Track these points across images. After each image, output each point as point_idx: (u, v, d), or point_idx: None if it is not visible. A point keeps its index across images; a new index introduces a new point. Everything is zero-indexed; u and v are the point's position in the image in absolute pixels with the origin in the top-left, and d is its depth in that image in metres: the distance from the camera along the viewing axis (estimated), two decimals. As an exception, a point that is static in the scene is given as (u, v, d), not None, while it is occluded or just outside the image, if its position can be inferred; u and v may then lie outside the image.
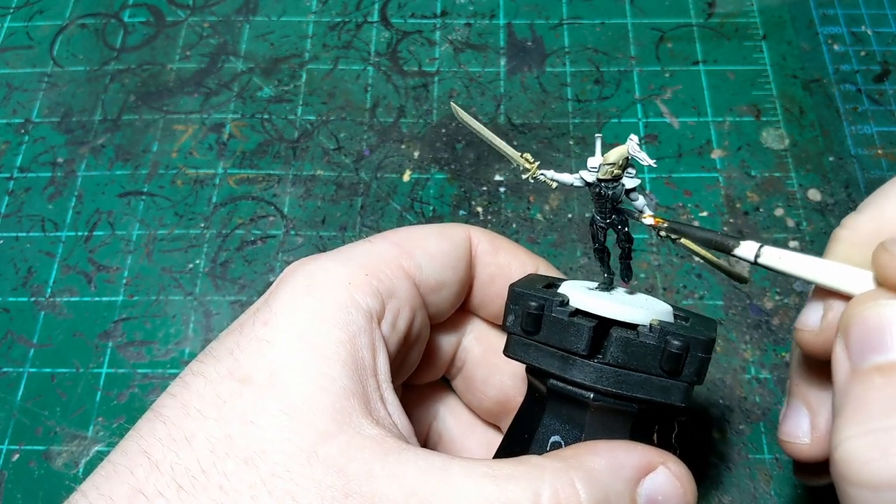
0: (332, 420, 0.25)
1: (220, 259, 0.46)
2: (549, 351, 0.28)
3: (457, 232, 0.33)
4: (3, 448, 0.40)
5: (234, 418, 0.25)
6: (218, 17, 0.55)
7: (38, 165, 0.49)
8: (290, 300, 0.28)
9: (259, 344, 0.27)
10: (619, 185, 0.29)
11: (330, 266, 0.29)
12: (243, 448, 0.24)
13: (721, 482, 0.38)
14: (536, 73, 0.52)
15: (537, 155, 0.48)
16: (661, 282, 0.44)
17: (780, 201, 0.46)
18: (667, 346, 0.27)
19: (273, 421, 0.25)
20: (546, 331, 0.28)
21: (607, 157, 0.28)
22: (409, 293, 0.30)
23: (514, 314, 0.29)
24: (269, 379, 0.26)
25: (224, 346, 0.27)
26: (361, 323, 0.28)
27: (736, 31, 0.53)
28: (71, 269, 0.46)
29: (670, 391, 0.27)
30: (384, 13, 0.55)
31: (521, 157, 0.32)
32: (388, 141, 0.49)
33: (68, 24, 0.56)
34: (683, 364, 0.27)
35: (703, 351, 0.27)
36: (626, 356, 0.27)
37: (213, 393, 0.26)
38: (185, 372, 0.28)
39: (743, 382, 0.41)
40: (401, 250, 0.31)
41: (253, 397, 0.25)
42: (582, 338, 0.27)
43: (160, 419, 0.26)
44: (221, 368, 0.26)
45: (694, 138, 0.49)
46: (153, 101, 0.52)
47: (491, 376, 0.34)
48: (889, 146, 0.48)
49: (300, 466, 0.24)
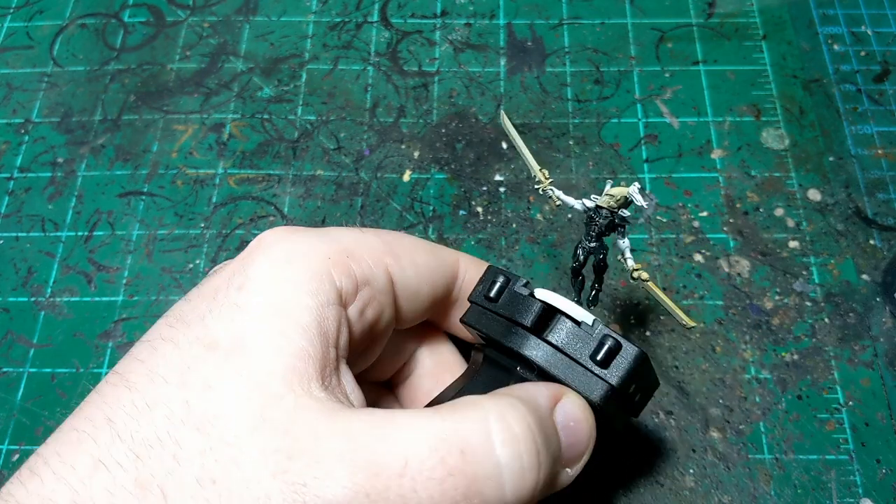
0: (284, 381, 0.25)
1: (220, 259, 0.46)
2: (499, 321, 0.30)
3: (448, 255, 0.34)
4: (3, 448, 0.40)
5: (195, 384, 0.25)
6: (218, 17, 0.55)
7: (38, 165, 0.49)
8: (268, 268, 0.28)
9: (230, 310, 0.27)
10: (611, 218, 0.32)
11: (314, 241, 0.29)
12: (199, 415, 0.24)
13: (721, 482, 0.38)
14: (536, 73, 0.52)
15: (537, 155, 0.48)
16: (661, 282, 0.44)
17: (780, 201, 0.46)
18: (603, 341, 0.29)
19: (229, 386, 0.25)
20: (503, 301, 0.30)
21: (611, 190, 0.32)
22: (385, 287, 0.31)
23: (482, 285, 0.32)
24: (234, 343, 0.26)
25: (196, 311, 0.27)
26: (332, 296, 0.28)
27: (736, 31, 0.53)
28: (71, 269, 0.46)
29: (592, 386, 0.29)
30: (384, 13, 0.55)
31: (539, 170, 0.35)
32: (388, 141, 0.49)
33: (68, 24, 0.56)
34: (611, 361, 0.29)
35: (632, 358, 0.29)
36: (564, 341, 0.29)
37: (178, 359, 0.26)
38: (152, 334, 0.27)
39: (743, 382, 0.41)
40: (388, 248, 0.31)
41: (215, 362, 0.25)
42: (531, 312, 0.29)
43: (125, 384, 0.26)
44: (190, 334, 0.26)
45: (694, 138, 0.49)
46: (153, 101, 0.52)
47: (434, 390, 0.35)
48: (889, 146, 0.48)
49: (247, 432, 0.24)
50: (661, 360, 0.42)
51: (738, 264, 0.44)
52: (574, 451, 0.28)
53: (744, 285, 0.44)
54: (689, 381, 0.41)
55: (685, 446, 0.39)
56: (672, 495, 0.38)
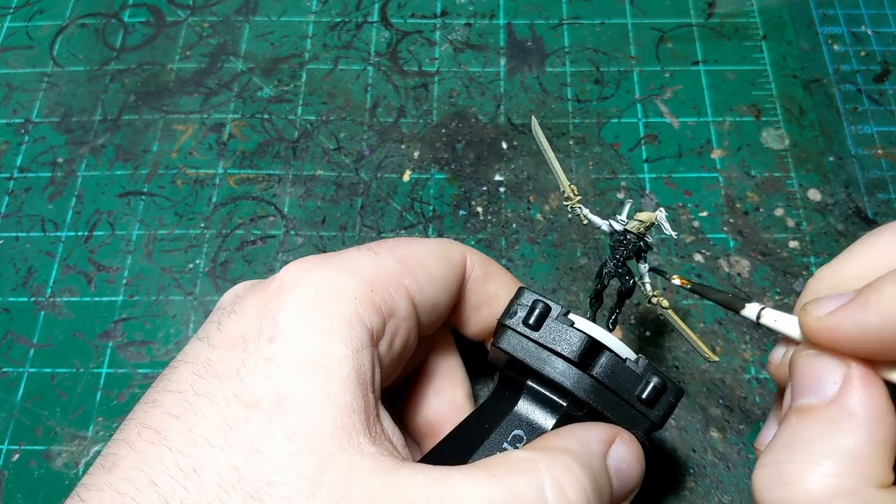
0: (334, 441, 0.25)
1: (220, 259, 0.46)
2: (540, 351, 0.30)
3: (456, 254, 0.34)
4: (3, 448, 0.40)
5: (240, 447, 0.24)
6: (218, 17, 0.55)
7: (38, 165, 0.49)
8: (297, 314, 0.27)
9: (266, 364, 0.26)
10: (639, 243, 0.33)
11: (337, 277, 0.28)
12: (250, 481, 0.24)
13: (721, 482, 0.38)
14: (536, 73, 0.52)
15: (537, 155, 0.48)
16: (661, 282, 0.44)
17: (780, 201, 0.46)
18: (649, 379, 0.30)
19: (278, 448, 0.24)
20: (546, 331, 0.30)
21: (639, 215, 0.33)
22: (408, 312, 0.30)
23: (518, 310, 0.31)
24: (276, 402, 0.25)
25: (228, 363, 0.26)
26: (365, 339, 0.27)
27: (736, 31, 0.53)
28: (71, 269, 0.46)
29: (636, 422, 0.30)
30: (384, 13, 0.55)
31: (569, 186, 0.34)
32: (388, 141, 0.49)
33: (68, 24, 0.56)
34: (657, 401, 0.30)
35: (674, 396, 0.30)
36: (610, 377, 0.30)
37: (219, 418, 0.25)
38: (180, 384, 0.26)
39: (743, 382, 0.41)
40: (404, 268, 0.31)
41: (259, 423, 0.25)
42: (576, 345, 0.30)
43: (164, 444, 0.25)
44: (227, 391, 0.26)
45: (694, 138, 0.49)
46: (153, 101, 0.52)
47: (437, 394, 0.35)
48: (889, 146, 0.48)
49: (305, 499, 0.23)
50: (662, 360, 0.42)
51: (738, 264, 0.44)
52: (624, 490, 0.29)
53: (744, 285, 0.44)
54: (689, 381, 0.41)
55: (685, 446, 0.39)
56: (672, 495, 0.38)
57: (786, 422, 0.24)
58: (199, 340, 0.28)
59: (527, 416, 0.30)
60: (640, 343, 0.42)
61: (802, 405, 0.24)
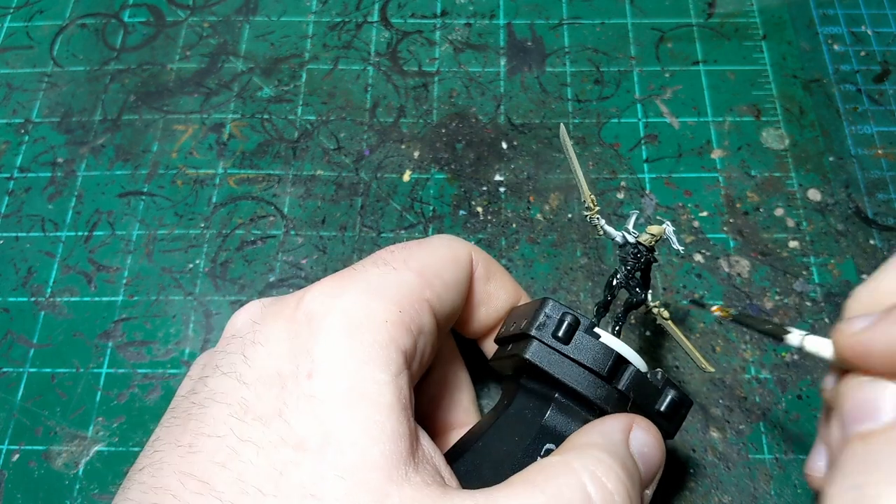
0: (384, 474, 0.24)
1: (220, 259, 0.46)
2: (569, 365, 0.31)
3: (463, 255, 0.33)
4: (3, 448, 0.40)
5: (293, 492, 0.24)
6: (218, 17, 0.55)
7: (38, 165, 0.49)
8: (333, 346, 0.27)
9: (308, 402, 0.25)
10: (648, 256, 0.34)
11: (364, 302, 0.28)
12: None
13: (721, 482, 0.38)
14: (536, 73, 0.52)
15: (537, 155, 0.48)
16: (661, 281, 0.44)
17: (780, 201, 0.46)
18: (667, 393, 0.31)
19: (331, 490, 0.24)
20: (576, 345, 0.31)
21: (650, 229, 0.34)
22: (432, 328, 0.30)
23: (545, 321, 0.31)
24: (323, 441, 0.25)
25: (266, 404, 0.26)
26: (401, 363, 0.27)
27: (736, 31, 0.53)
28: (71, 269, 0.46)
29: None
30: (384, 13, 0.55)
31: (590, 196, 0.35)
32: (388, 141, 0.49)
33: (68, 24, 0.56)
34: (675, 415, 0.31)
35: (685, 408, 0.32)
36: (635, 391, 0.31)
37: (267, 464, 0.24)
38: (217, 427, 0.25)
39: (743, 382, 0.41)
40: (423, 281, 0.30)
41: (309, 465, 0.24)
42: (605, 361, 0.30)
43: (214, 496, 0.24)
44: (272, 434, 0.25)
45: (694, 138, 0.49)
46: (153, 101, 0.52)
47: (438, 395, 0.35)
48: (889, 146, 0.48)
49: None
50: (661, 360, 0.42)
51: (738, 264, 0.44)
52: (650, 473, 0.30)
53: (744, 285, 0.44)
54: (689, 381, 0.41)
55: (685, 446, 0.39)
56: (672, 495, 0.38)
57: (850, 448, 0.24)
58: (226, 376, 0.27)
59: (556, 429, 0.31)
60: (640, 343, 0.42)
61: (863, 431, 0.24)
